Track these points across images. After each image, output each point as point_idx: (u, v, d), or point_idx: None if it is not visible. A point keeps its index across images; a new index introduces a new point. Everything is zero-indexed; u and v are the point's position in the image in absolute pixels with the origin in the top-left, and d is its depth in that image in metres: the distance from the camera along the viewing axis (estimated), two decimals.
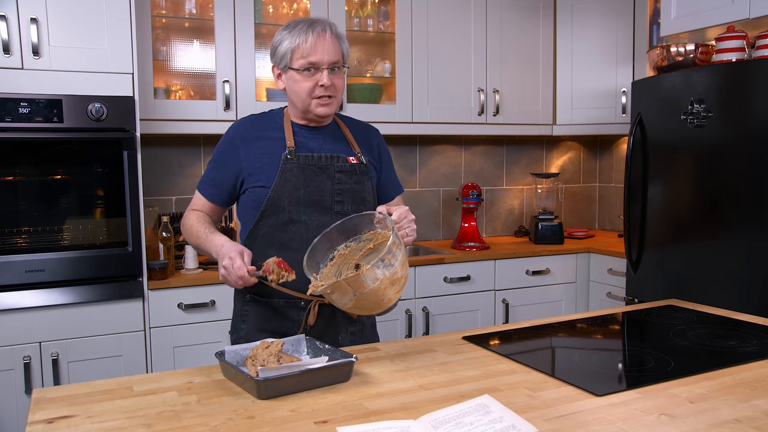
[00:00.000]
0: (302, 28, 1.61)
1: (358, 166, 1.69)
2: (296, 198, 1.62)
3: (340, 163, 1.67)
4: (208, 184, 1.72)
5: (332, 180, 1.65)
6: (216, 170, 1.71)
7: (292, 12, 3.14)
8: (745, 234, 2.39)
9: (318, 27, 1.61)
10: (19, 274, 2.30)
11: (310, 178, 1.63)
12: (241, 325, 1.72)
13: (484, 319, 3.17)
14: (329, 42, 1.61)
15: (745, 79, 2.39)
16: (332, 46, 1.61)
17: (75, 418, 1.13)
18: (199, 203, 1.74)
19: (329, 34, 1.62)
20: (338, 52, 1.63)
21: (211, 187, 1.71)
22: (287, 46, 1.62)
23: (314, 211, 1.63)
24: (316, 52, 1.59)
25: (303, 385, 1.24)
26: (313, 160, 1.65)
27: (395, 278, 1.35)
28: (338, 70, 1.64)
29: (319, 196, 1.64)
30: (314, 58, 1.59)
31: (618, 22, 3.47)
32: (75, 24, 2.36)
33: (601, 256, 3.35)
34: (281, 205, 1.62)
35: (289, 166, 1.62)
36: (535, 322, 1.79)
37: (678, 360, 1.43)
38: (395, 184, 1.86)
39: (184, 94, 2.98)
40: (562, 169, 4.07)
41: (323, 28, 1.61)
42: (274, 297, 1.65)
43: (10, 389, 2.31)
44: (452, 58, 3.32)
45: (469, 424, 1.06)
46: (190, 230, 1.69)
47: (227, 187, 1.69)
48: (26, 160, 2.33)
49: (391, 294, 1.37)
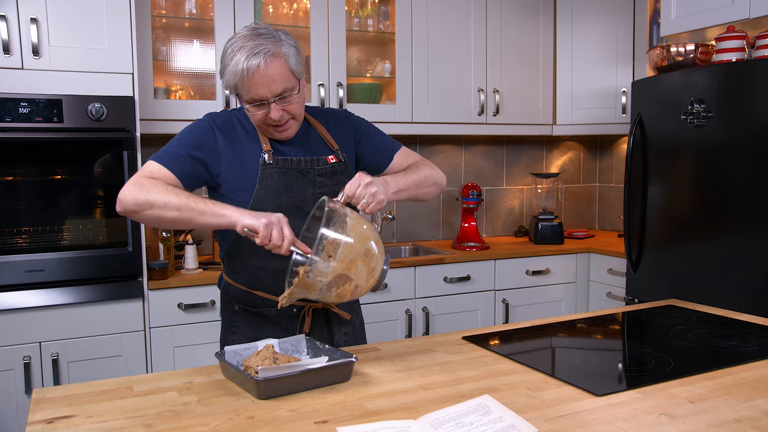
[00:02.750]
0: (239, 59, 1.44)
1: (338, 165, 1.63)
2: (278, 205, 1.55)
3: (320, 166, 1.60)
4: (175, 157, 1.50)
5: (313, 184, 1.59)
6: (189, 148, 1.52)
7: (292, 12, 3.14)
8: (745, 234, 2.39)
9: (254, 60, 1.43)
10: (19, 274, 2.30)
11: (291, 184, 1.57)
12: (231, 337, 1.67)
13: (484, 319, 3.18)
14: (271, 71, 1.45)
15: (745, 79, 2.39)
16: (276, 76, 1.46)
17: (75, 418, 1.13)
18: (160, 175, 1.47)
19: (269, 63, 1.44)
20: (284, 79, 1.47)
21: (180, 162, 1.49)
22: (228, 79, 1.48)
23: (297, 217, 1.55)
24: (256, 88, 1.46)
25: (303, 385, 1.24)
26: (293, 164, 1.57)
27: (348, 263, 1.30)
28: (289, 95, 1.50)
29: (301, 202, 1.58)
30: (256, 94, 1.47)
31: (618, 22, 3.47)
32: (75, 24, 2.36)
33: (601, 256, 3.35)
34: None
35: (269, 171, 1.55)
36: (535, 322, 1.79)
37: (678, 360, 1.43)
38: (386, 145, 1.74)
39: (184, 94, 2.98)
40: (562, 169, 4.07)
41: (260, 60, 1.44)
42: (264, 306, 1.61)
43: (10, 389, 2.31)
44: (452, 58, 3.32)
45: (469, 424, 1.06)
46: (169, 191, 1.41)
47: (198, 172, 1.53)
48: (26, 160, 2.33)
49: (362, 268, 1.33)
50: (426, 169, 1.66)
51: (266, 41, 1.46)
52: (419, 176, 1.62)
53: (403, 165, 1.70)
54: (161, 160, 1.48)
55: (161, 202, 1.39)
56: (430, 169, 1.67)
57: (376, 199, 1.41)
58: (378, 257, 1.36)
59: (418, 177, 1.62)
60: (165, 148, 1.53)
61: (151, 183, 1.42)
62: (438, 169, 1.71)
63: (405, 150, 1.76)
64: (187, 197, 1.40)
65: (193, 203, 1.39)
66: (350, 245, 1.31)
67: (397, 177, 1.57)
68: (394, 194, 1.53)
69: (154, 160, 1.49)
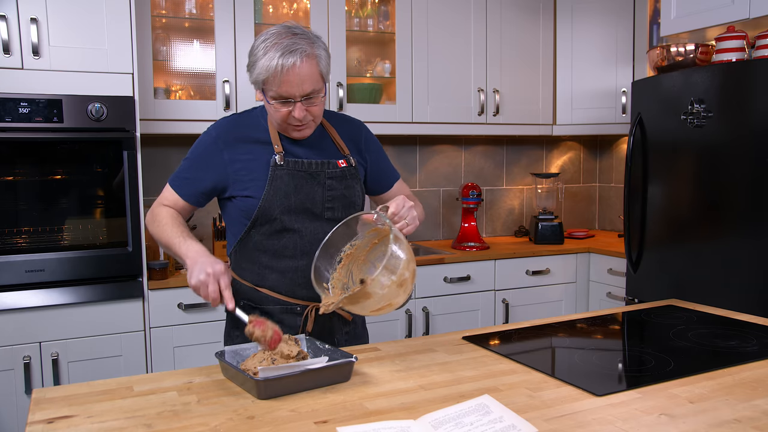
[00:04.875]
0: (273, 55, 1.46)
1: (348, 170, 1.64)
2: (287, 206, 1.56)
3: (330, 169, 1.61)
4: (184, 182, 1.62)
5: (323, 187, 1.60)
6: (194, 169, 1.61)
7: (292, 12, 3.14)
8: (745, 234, 2.39)
9: (290, 58, 1.45)
10: (19, 274, 2.31)
11: (300, 186, 1.58)
12: (234, 332, 1.68)
13: (484, 319, 3.17)
14: (304, 71, 1.47)
15: (745, 79, 2.39)
16: (307, 75, 1.48)
17: (75, 418, 1.13)
18: (170, 199, 1.62)
19: (304, 62, 1.46)
20: (314, 80, 1.49)
21: (188, 186, 1.61)
22: (259, 72, 1.49)
23: (305, 218, 1.58)
24: (288, 85, 1.47)
25: (303, 385, 1.24)
26: (303, 166, 1.59)
27: (402, 280, 1.34)
28: (315, 97, 1.52)
29: (310, 204, 1.59)
30: (286, 92, 1.48)
31: (618, 22, 3.47)
32: (75, 24, 2.36)
33: (601, 256, 3.35)
34: (272, 214, 1.56)
35: (279, 173, 1.56)
36: (535, 322, 1.79)
37: (678, 360, 1.43)
38: (390, 171, 1.80)
39: (184, 94, 2.98)
40: (562, 169, 4.07)
41: (296, 58, 1.46)
42: (269, 303, 1.62)
43: (10, 389, 2.31)
44: (452, 58, 3.32)
45: (469, 424, 1.06)
46: (162, 227, 1.56)
47: (205, 189, 1.61)
48: (26, 160, 2.33)
49: (401, 295, 1.36)
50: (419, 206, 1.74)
51: (302, 41, 1.48)
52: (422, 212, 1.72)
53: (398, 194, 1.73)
54: (174, 185, 1.63)
55: (157, 236, 1.59)
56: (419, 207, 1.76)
57: (414, 224, 1.45)
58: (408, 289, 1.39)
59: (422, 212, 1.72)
60: (178, 169, 1.64)
61: (159, 213, 1.60)
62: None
63: (401, 181, 1.85)
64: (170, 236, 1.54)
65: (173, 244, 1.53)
66: (407, 264, 1.34)
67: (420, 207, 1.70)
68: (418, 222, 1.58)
69: (169, 184, 1.64)
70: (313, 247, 1.52)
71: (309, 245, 1.58)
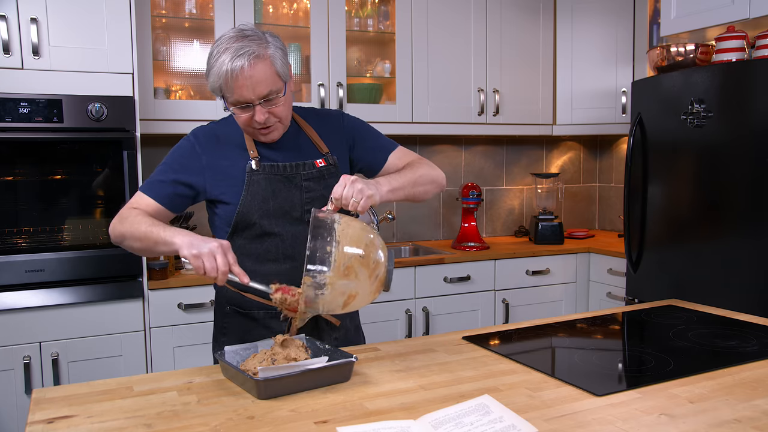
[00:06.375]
0: (223, 60, 1.42)
1: (326, 169, 1.60)
2: (266, 211, 1.54)
3: (306, 171, 1.58)
4: (157, 184, 1.55)
5: (300, 189, 1.57)
6: (170, 172, 1.56)
7: (292, 12, 3.14)
8: (745, 234, 2.39)
9: (238, 61, 1.41)
10: (19, 274, 2.31)
11: (278, 189, 1.55)
12: (221, 338, 1.67)
13: (484, 319, 3.18)
14: (256, 73, 1.42)
15: (745, 79, 2.39)
16: (260, 78, 1.43)
17: (75, 418, 1.13)
18: (141, 203, 1.54)
19: (253, 64, 1.42)
20: (269, 81, 1.45)
21: (161, 188, 1.55)
22: (213, 80, 1.46)
23: (285, 222, 1.56)
24: (241, 89, 1.43)
25: (303, 385, 1.24)
26: (279, 169, 1.56)
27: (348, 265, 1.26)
28: (275, 98, 1.47)
29: (289, 207, 1.56)
30: (241, 96, 1.44)
31: (618, 22, 3.47)
32: (75, 24, 2.36)
33: (601, 256, 3.35)
34: (252, 219, 1.55)
35: (256, 178, 1.54)
36: (535, 322, 1.79)
37: (678, 360, 1.43)
38: (381, 147, 1.70)
39: (184, 94, 2.98)
40: (562, 169, 4.07)
41: (244, 61, 1.41)
42: (254, 309, 1.61)
43: (10, 389, 2.31)
44: (452, 58, 3.32)
45: (469, 424, 1.06)
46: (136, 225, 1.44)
47: (182, 191, 1.56)
48: (26, 160, 2.33)
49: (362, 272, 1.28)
50: (422, 167, 1.63)
51: (251, 43, 1.43)
52: (415, 175, 1.59)
53: (399, 165, 1.66)
54: (145, 189, 1.55)
55: (129, 233, 1.46)
56: (427, 167, 1.64)
57: (364, 195, 1.36)
58: (377, 258, 1.32)
59: (413, 175, 1.58)
60: (152, 175, 1.58)
61: (130, 214, 1.48)
62: (436, 167, 1.67)
63: (401, 150, 1.72)
64: (150, 225, 1.42)
65: (153, 232, 1.41)
66: (341, 252, 1.27)
67: (390, 176, 1.54)
68: (389, 193, 1.49)
69: (140, 189, 1.56)
70: (296, 250, 1.52)
71: (291, 248, 1.56)
